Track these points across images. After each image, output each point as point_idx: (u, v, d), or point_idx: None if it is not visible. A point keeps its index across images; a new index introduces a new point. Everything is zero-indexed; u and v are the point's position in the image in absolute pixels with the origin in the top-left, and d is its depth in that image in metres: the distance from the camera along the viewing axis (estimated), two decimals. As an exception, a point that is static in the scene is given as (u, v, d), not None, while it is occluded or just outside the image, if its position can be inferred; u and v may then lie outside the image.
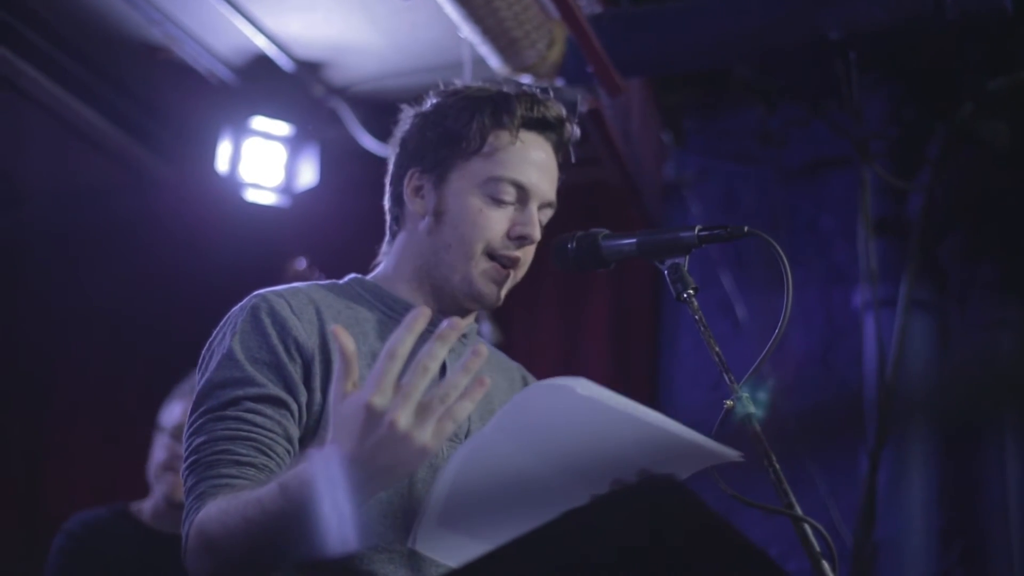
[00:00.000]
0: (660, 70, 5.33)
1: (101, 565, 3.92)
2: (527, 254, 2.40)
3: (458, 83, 2.47)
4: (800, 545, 1.95)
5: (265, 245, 5.66)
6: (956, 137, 5.08)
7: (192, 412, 2.17)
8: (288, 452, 2.13)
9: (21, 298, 6.55)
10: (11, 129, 5.81)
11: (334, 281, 2.44)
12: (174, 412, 4.19)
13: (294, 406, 2.15)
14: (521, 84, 2.55)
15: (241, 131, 5.69)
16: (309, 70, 5.60)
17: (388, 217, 2.50)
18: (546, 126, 2.42)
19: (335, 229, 5.59)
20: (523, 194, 2.36)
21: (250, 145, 5.71)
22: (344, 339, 1.83)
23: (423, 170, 2.41)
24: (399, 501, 2.20)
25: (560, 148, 2.45)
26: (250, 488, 1.98)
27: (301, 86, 5.69)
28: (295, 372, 2.17)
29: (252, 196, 5.76)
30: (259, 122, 5.72)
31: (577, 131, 2.48)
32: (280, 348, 2.18)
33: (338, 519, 1.75)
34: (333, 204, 5.80)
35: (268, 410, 2.12)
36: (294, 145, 5.81)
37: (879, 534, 4.89)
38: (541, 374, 2.79)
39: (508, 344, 5.27)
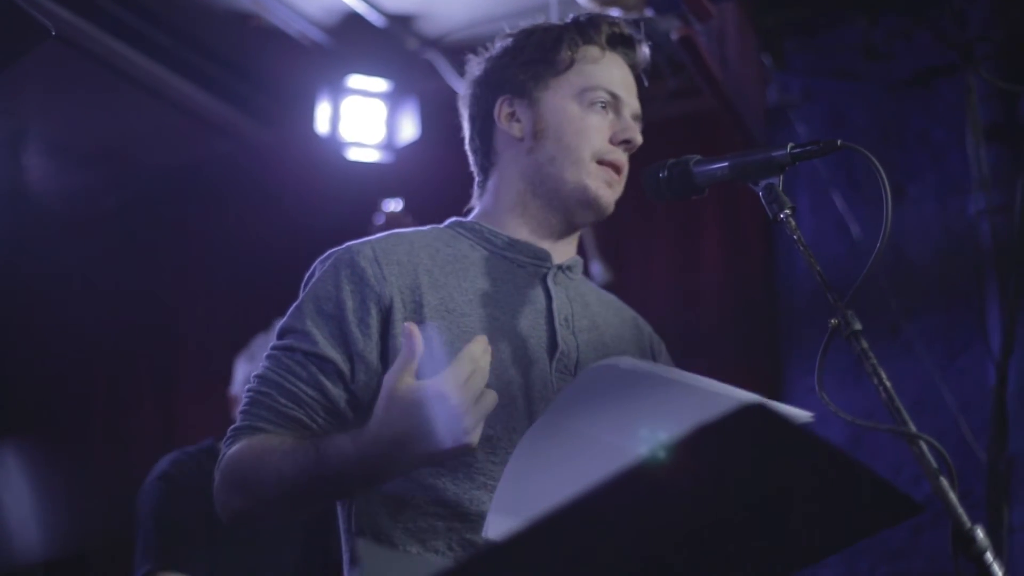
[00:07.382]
0: (752, -10, 5.24)
1: (196, 502, 3.97)
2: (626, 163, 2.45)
3: (522, 24, 2.52)
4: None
5: (371, 203, 5.69)
6: (1065, 34, 4.93)
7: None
8: (319, 403, 2.21)
9: (146, 264, 6.69)
10: (112, 109, 5.90)
11: (435, 225, 2.47)
12: (236, 376, 4.39)
13: (344, 365, 2.21)
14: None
15: (338, 91, 5.72)
16: (401, 23, 5.60)
17: (474, 159, 2.53)
18: (626, 43, 2.49)
19: (440, 180, 5.55)
20: (617, 103, 2.43)
21: (349, 104, 5.74)
22: (415, 339, 1.98)
23: (513, 96, 2.45)
24: (508, 435, 2.20)
25: (636, 69, 2.51)
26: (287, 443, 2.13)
27: (394, 40, 5.69)
28: (363, 326, 2.22)
29: (354, 155, 5.79)
30: (356, 80, 5.74)
31: (647, 53, 2.52)
32: (349, 304, 2.23)
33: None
34: (436, 156, 5.78)
35: (311, 367, 2.20)
36: (393, 100, 5.82)
37: (1013, 448, 4.78)
38: (657, 307, 2.78)
39: (620, 283, 5.23)
